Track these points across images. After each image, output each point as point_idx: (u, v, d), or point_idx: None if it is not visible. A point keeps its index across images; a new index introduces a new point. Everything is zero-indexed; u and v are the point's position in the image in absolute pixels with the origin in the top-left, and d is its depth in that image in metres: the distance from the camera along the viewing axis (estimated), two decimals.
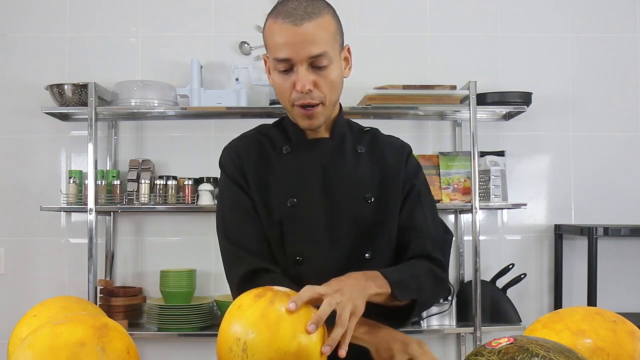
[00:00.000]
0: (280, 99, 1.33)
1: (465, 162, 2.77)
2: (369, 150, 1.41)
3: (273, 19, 1.27)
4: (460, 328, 2.69)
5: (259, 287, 1.07)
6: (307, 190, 1.34)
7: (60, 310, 1.17)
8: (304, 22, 1.23)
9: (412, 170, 1.43)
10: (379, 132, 1.49)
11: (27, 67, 2.87)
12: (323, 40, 1.25)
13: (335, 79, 1.29)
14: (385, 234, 1.36)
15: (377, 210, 1.35)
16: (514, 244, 2.92)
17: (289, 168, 1.36)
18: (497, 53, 2.93)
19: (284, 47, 1.24)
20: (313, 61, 1.25)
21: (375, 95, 2.63)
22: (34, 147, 2.87)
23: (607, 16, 2.95)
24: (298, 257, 1.32)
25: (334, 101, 1.33)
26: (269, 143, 1.41)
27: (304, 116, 1.30)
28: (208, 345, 2.73)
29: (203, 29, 2.90)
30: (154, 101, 2.67)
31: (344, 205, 1.33)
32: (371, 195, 1.35)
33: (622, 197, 2.90)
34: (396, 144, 1.47)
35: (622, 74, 2.94)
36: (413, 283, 1.26)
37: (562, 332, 1.01)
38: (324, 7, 1.28)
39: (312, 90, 1.26)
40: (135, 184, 2.69)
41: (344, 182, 1.35)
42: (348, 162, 1.37)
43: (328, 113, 1.33)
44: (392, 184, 1.38)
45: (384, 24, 2.91)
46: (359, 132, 1.45)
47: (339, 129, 1.39)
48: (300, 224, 1.32)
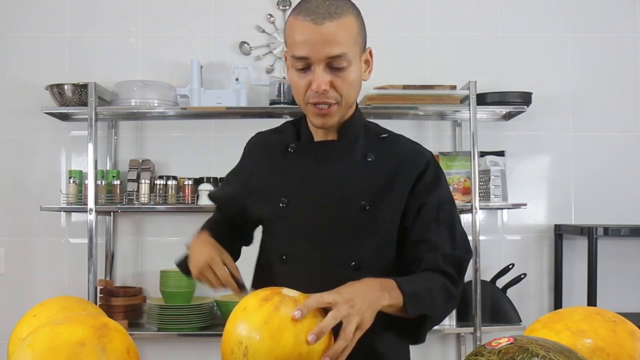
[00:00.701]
0: (295, 96, 1.31)
1: (465, 162, 2.77)
2: (379, 158, 1.35)
3: (295, 16, 1.24)
4: (460, 328, 2.69)
5: (267, 289, 1.05)
6: (300, 192, 1.34)
7: (60, 310, 1.17)
8: (325, 21, 1.20)
9: (427, 185, 1.34)
10: (401, 138, 1.43)
11: (27, 67, 2.87)
12: (343, 41, 1.21)
13: (353, 80, 1.26)
14: (375, 245, 1.31)
15: (370, 219, 1.31)
16: (514, 244, 2.92)
17: (289, 168, 1.37)
18: (497, 53, 2.93)
19: (303, 45, 1.22)
20: (331, 62, 1.22)
21: (375, 95, 2.63)
22: (34, 147, 2.87)
23: (607, 16, 2.95)
24: (283, 256, 1.33)
25: (350, 102, 1.30)
26: (282, 140, 1.41)
27: (318, 115, 1.28)
28: (208, 345, 2.73)
29: (203, 29, 2.90)
30: (154, 101, 2.67)
31: (335, 211, 1.31)
32: (366, 204, 1.30)
33: (622, 197, 2.90)
34: (413, 153, 1.38)
35: (622, 74, 2.94)
36: (427, 298, 1.20)
37: (562, 332, 1.01)
38: (348, 7, 1.25)
39: (328, 91, 1.24)
40: (135, 184, 2.69)
41: (340, 187, 1.32)
42: (351, 168, 1.34)
43: (343, 113, 1.30)
44: (395, 196, 1.32)
45: (384, 24, 2.91)
46: (376, 138, 1.39)
47: (349, 132, 1.35)
48: (289, 224, 1.33)
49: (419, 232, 1.31)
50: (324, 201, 1.32)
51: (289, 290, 1.04)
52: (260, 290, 1.05)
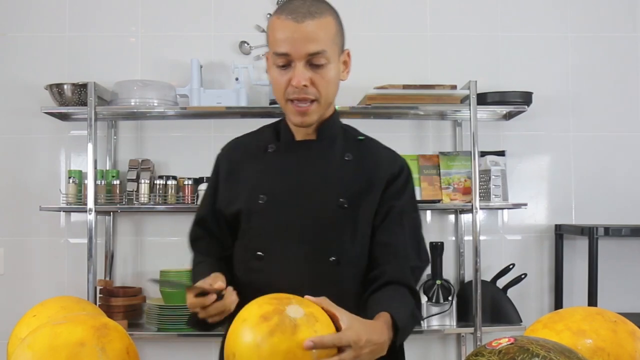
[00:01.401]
0: (276, 95, 1.35)
1: (466, 162, 2.77)
2: (357, 158, 1.40)
3: (277, 16, 1.30)
4: (461, 328, 2.69)
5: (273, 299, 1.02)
6: (279, 190, 1.36)
7: (60, 310, 1.17)
8: (306, 19, 1.26)
9: (397, 190, 1.39)
10: (376, 142, 1.48)
11: (26, 67, 2.86)
12: (323, 39, 1.27)
13: (331, 78, 1.31)
14: (355, 242, 1.35)
15: (350, 217, 1.35)
16: (515, 244, 2.92)
17: (268, 166, 1.39)
18: (497, 53, 2.93)
19: (284, 43, 1.27)
20: (311, 59, 1.27)
21: (375, 95, 2.63)
22: (33, 147, 2.87)
23: (607, 16, 2.95)
24: (259, 253, 1.34)
25: (329, 101, 1.35)
26: (260, 142, 1.44)
27: (297, 112, 1.32)
28: (207, 345, 2.73)
29: (203, 29, 2.90)
30: (154, 101, 2.67)
31: (315, 208, 1.34)
32: (345, 202, 1.34)
33: (622, 197, 2.90)
34: (389, 158, 1.44)
35: (622, 74, 2.94)
36: (409, 328, 1.25)
37: (563, 332, 1.01)
38: (327, 8, 1.32)
39: (308, 87, 1.28)
40: (135, 184, 2.69)
41: (319, 185, 1.36)
42: (329, 166, 1.38)
43: (321, 112, 1.35)
44: (371, 196, 1.37)
45: (384, 24, 2.91)
46: (353, 140, 1.45)
47: (328, 131, 1.40)
48: (267, 220, 1.35)
49: (384, 234, 1.37)
50: (303, 198, 1.35)
51: (294, 308, 0.99)
52: (264, 301, 1.02)
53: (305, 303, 1.02)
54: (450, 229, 2.92)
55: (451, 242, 2.89)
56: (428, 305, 2.65)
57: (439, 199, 2.72)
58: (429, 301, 2.65)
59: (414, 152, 2.84)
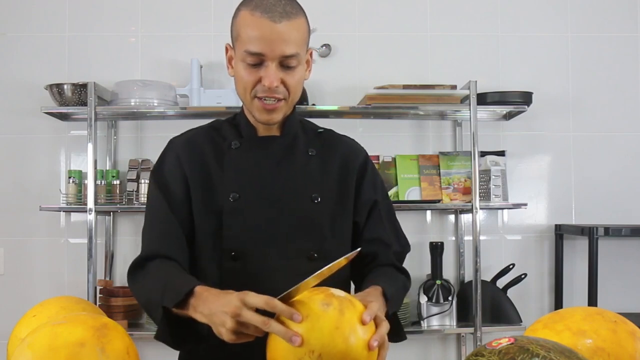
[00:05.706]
0: (240, 91, 1.33)
1: (466, 162, 2.77)
2: (320, 152, 1.41)
3: (250, 11, 1.27)
4: (461, 328, 2.69)
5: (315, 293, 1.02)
6: (251, 187, 1.34)
7: (60, 310, 1.17)
8: (283, 20, 1.24)
9: (371, 182, 1.44)
10: (334, 133, 1.49)
11: (26, 67, 2.87)
12: (297, 41, 1.26)
13: (300, 79, 1.31)
14: (335, 235, 1.36)
15: (325, 211, 1.35)
16: (515, 244, 2.92)
17: (236, 163, 1.36)
18: (498, 53, 2.93)
19: (259, 42, 1.25)
20: (284, 60, 1.26)
21: (375, 95, 2.63)
22: (33, 147, 2.87)
23: (607, 16, 2.95)
24: (233, 252, 1.31)
25: (295, 100, 1.35)
26: (220, 138, 1.41)
27: (265, 110, 1.30)
28: None
29: (203, 29, 2.90)
30: (154, 101, 2.67)
31: (289, 204, 1.33)
32: (318, 196, 1.35)
33: (622, 197, 2.90)
34: (352, 148, 1.47)
35: (622, 74, 2.94)
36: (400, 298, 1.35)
37: (563, 332, 1.01)
38: (299, 9, 1.30)
39: (279, 87, 1.28)
40: (135, 183, 2.69)
41: (291, 181, 1.35)
42: (297, 162, 1.38)
43: (287, 110, 1.35)
44: (343, 187, 1.39)
45: (384, 24, 2.91)
46: (313, 134, 1.45)
47: (291, 128, 1.40)
48: (241, 219, 1.32)
49: (371, 230, 1.41)
50: (276, 195, 1.34)
51: (331, 290, 1.03)
52: (304, 295, 1.02)
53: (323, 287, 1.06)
54: (450, 229, 2.92)
55: (451, 242, 2.89)
56: (428, 305, 2.66)
57: (439, 199, 2.72)
58: (429, 301, 2.65)
59: (414, 152, 2.84)
